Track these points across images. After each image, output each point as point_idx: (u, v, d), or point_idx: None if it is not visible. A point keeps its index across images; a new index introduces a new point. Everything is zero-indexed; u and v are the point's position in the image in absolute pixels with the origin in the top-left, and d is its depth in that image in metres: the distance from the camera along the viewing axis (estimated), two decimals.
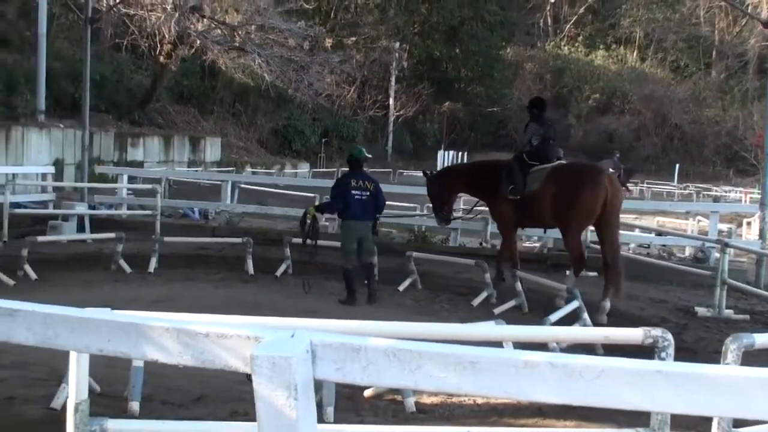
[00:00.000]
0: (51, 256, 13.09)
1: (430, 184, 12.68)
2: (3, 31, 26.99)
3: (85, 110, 16.78)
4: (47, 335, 2.48)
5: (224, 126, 38.55)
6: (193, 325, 2.26)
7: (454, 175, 12.86)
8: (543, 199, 11.04)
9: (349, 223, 10.79)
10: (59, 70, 26.66)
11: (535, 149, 11.60)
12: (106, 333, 2.39)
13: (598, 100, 61.40)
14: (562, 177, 11.03)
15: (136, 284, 11.36)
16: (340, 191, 10.82)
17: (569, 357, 2.03)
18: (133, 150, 27.62)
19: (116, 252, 12.41)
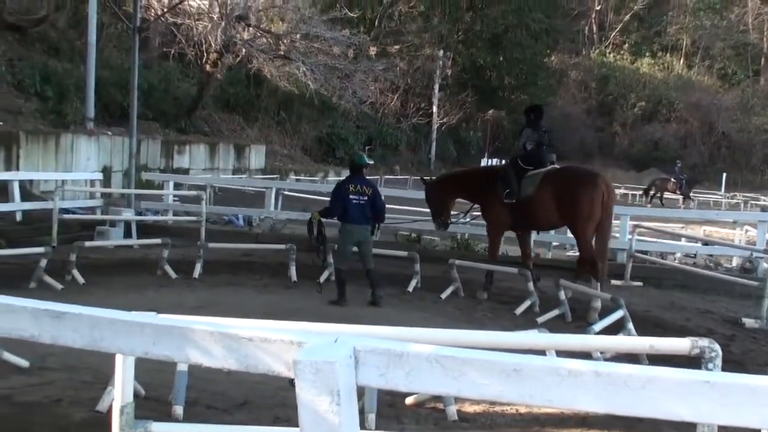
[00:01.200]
0: (98, 261, 13.29)
1: (429, 191, 12.96)
2: (54, 40, 27.52)
3: (132, 118, 17.00)
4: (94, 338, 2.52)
5: (269, 134, 38.83)
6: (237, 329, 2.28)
7: (452, 182, 13.07)
8: (540, 203, 11.30)
9: (347, 226, 10.96)
10: (108, 78, 27.11)
11: (530, 154, 11.82)
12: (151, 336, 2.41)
13: (644, 108, 60.73)
14: (559, 181, 11.29)
15: (181, 289, 11.47)
16: (339, 196, 11.01)
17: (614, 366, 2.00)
18: (179, 157, 27.94)
19: (162, 257, 12.55)
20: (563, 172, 11.65)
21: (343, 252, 11.03)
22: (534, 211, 11.44)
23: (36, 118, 22.26)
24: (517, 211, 11.64)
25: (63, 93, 24.31)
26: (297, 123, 41.15)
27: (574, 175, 11.54)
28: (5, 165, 18.83)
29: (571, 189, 11.07)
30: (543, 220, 11.60)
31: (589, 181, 11.10)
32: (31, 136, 20.06)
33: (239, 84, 37.02)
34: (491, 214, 12.18)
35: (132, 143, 17.24)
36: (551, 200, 11.22)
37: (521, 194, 11.53)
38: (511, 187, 11.62)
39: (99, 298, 9.96)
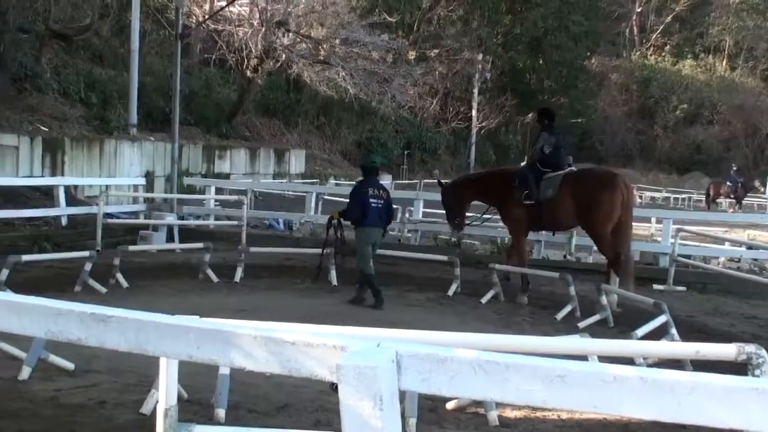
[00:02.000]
0: (141, 265, 13.46)
1: (445, 194, 13.19)
2: (98, 48, 27.95)
3: (175, 124, 17.21)
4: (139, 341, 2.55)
5: (308, 138, 39.01)
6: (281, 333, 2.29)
7: (468, 184, 13.28)
8: (561, 204, 11.63)
9: (366, 229, 11.12)
10: (150, 84, 27.47)
11: (547, 157, 12.08)
12: (195, 340, 2.44)
13: (686, 110, 59.94)
14: (578, 182, 11.66)
15: (223, 293, 11.57)
16: (359, 199, 11.14)
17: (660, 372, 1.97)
18: (220, 162, 28.19)
19: (204, 261, 12.67)
20: (583, 174, 12.10)
21: (365, 254, 11.16)
22: (553, 212, 11.74)
23: (81, 124, 22.60)
24: (535, 212, 11.92)
25: (107, 99, 24.67)
26: (336, 127, 41.28)
27: (593, 177, 12.00)
28: (51, 170, 19.16)
29: (591, 190, 11.43)
30: (561, 220, 11.96)
31: (608, 181, 11.50)
32: (75, 142, 20.39)
33: (279, 89, 37.24)
34: (510, 216, 12.43)
35: (174, 148, 17.44)
36: (571, 201, 11.55)
37: (540, 196, 11.82)
38: (530, 189, 11.90)
39: (142, 301, 10.07)
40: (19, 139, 18.51)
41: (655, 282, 13.64)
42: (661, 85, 60.87)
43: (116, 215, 17.32)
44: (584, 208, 11.45)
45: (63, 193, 16.33)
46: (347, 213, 11.44)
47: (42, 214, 15.98)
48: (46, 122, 21.11)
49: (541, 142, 12.32)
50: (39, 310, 2.62)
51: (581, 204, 11.47)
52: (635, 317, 10.18)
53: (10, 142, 18.17)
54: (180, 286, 11.89)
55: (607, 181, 11.59)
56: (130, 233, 16.00)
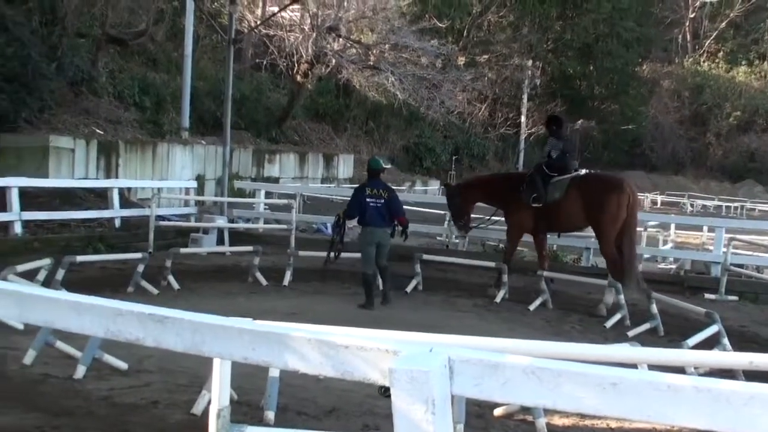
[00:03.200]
0: (192, 267, 13.64)
1: (451, 196, 13.53)
2: (153, 52, 28.38)
3: (226, 128, 17.39)
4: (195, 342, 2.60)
5: (357, 143, 39.14)
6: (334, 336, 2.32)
7: (474, 187, 13.62)
8: (568, 205, 12.07)
9: (366, 229, 11.28)
10: (202, 89, 27.81)
11: (555, 162, 12.57)
12: (250, 342, 2.48)
13: (739, 117, 58.86)
14: (586, 185, 12.13)
15: (272, 296, 11.67)
16: (356, 200, 11.32)
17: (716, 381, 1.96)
18: (270, 166, 28.41)
19: (253, 265, 12.79)
20: (590, 178, 12.88)
21: (367, 255, 11.26)
22: (560, 213, 12.20)
23: (134, 127, 22.97)
24: (542, 214, 12.37)
25: (160, 103, 25.01)
26: (385, 133, 41.36)
27: (601, 180, 12.67)
28: (105, 172, 19.50)
29: (598, 192, 11.90)
30: (568, 222, 12.37)
31: (615, 185, 12.02)
32: (129, 145, 20.72)
33: (329, 94, 37.44)
34: (514, 218, 12.82)
35: (225, 152, 17.61)
36: (579, 203, 11.99)
37: (548, 198, 12.26)
38: (538, 191, 12.33)
39: (192, 303, 10.21)
40: (75, 142, 18.86)
41: (706, 291, 13.43)
42: (714, 92, 59.86)
43: (168, 218, 17.56)
44: (592, 209, 11.88)
45: (117, 195, 16.60)
46: (347, 213, 11.67)
47: (96, 215, 16.24)
48: (101, 125, 21.50)
49: (549, 147, 12.84)
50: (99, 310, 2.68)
51: (589, 205, 11.90)
52: (686, 327, 10.04)
53: (66, 145, 18.53)
54: (229, 288, 12.02)
55: (614, 184, 12.09)
56: (181, 236, 16.22)
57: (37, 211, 15.00)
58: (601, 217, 11.80)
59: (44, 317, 2.88)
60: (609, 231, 11.80)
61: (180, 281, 11.82)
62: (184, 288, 11.65)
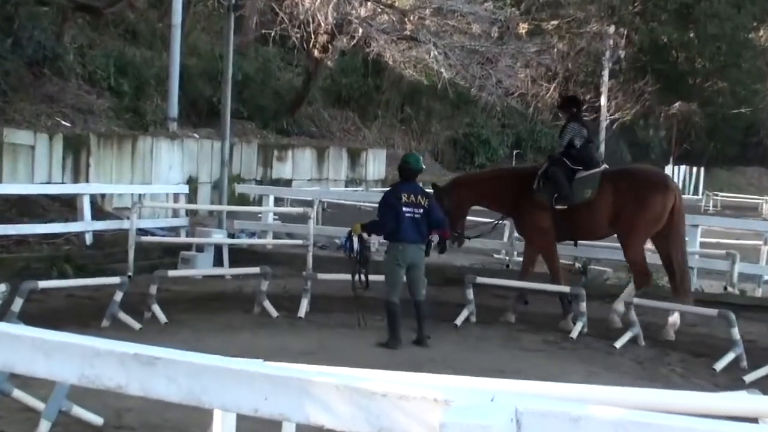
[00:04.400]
0: (183, 294, 13.74)
1: (439, 197, 13.13)
2: (132, 22, 28.55)
3: (225, 117, 17.46)
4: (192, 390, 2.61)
5: (390, 135, 39.17)
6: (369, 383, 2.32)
7: (470, 186, 13.88)
8: (600, 207, 12.47)
9: (399, 246, 11.06)
10: (195, 68, 28.02)
11: (579, 152, 12.95)
12: (262, 389, 2.49)
13: None
14: (625, 182, 12.55)
15: (284, 331, 11.70)
16: (390, 208, 11.07)
17: None
18: (280, 165, 28.53)
19: (260, 291, 12.82)
20: (628, 173, 13.25)
21: (395, 279, 11.15)
22: (588, 218, 12.55)
23: (109, 117, 23.15)
24: (563, 218, 12.69)
25: (141, 87, 25.21)
26: (426, 121, 41.37)
27: (643, 175, 12.94)
28: (73, 175, 19.69)
29: (639, 189, 12.31)
30: (598, 226, 12.75)
31: (661, 180, 12.60)
32: (103, 140, 20.93)
33: (354, 73, 37.51)
34: (532, 224, 13.00)
35: (224, 148, 17.69)
36: (612, 205, 12.40)
37: (576, 198, 12.60)
38: (563, 190, 12.63)
39: (184, 340, 10.27)
40: (35, 137, 19.07)
41: None
42: None
43: (152, 232, 17.69)
44: (628, 208, 12.26)
45: (88, 203, 16.75)
46: (374, 226, 11.50)
47: (62, 229, 16.41)
48: (68, 115, 21.69)
49: (570, 134, 13.13)
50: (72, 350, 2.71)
51: (626, 206, 12.27)
52: None
53: (24, 141, 18.74)
54: (230, 321, 12.07)
55: (659, 179, 12.67)
56: (169, 254, 16.33)
57: None
58: (640, 217, 12.20)
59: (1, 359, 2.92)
60: (643, 234, 12.37)
61: (168, 312, 11.88)
62: (174, 321, 11.72)
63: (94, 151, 20.44)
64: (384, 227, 11.31)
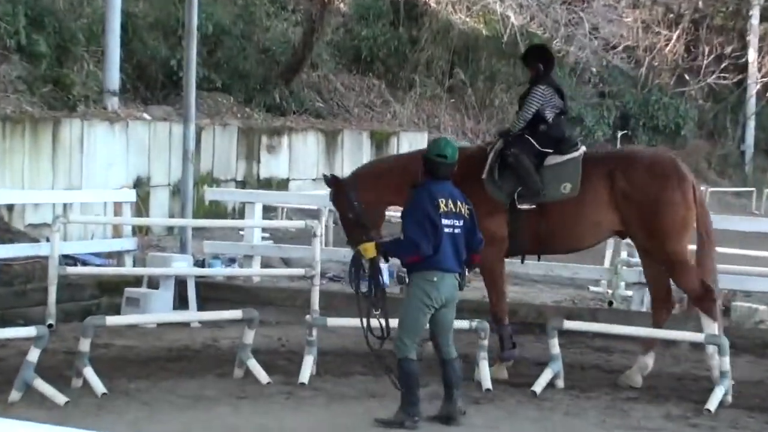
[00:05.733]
0: (129, 351, 13.81)
1: (339, 195, 13.55)
2: None
3: (188, 88, 17.50)
4: None
5: (433, 110, 39.09)
6: None
7: (384, 177, 13.76)
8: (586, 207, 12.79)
9: (433, 277, 10.80)
10: (143, 18, 28.08)
11: (551, 129, 13.33)
12: None
13: None
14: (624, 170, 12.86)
15: (278, 405, 11.66)
16: (427, 218, 10.79)
17: None
18: (271, 158, 28.53)
19: (243, 345, 12.82)
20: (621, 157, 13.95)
21: (417, 324, 10.95)
22: (567, 221, 12.84)
23: (19, 92, 23.20)
24: (526, 222, 12.98)
25: (65, 46, 25.26)
26: (486, 89, 41.29)
27: (648, 161, 13.30)
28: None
29: (652, 183, 12.73)
30: (581, 235, 13.12)
31: (672, 168, 13.02)
32: (10, 126, 21.00)
33: (379, 21, 37.56)
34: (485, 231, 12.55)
35: (188, 134, 17.73)
36: (610, 202, 12.77)
37: (549, 194, 12.88)
38: (531, 183, 12.88)
39: (132, 421, 10.30)
40: None
41: None
42: None
43: (84, 259, 17.74)
44: (644, 213, 12.63)
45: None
46: (399, 246, 11.24)
47: None
48: None
49: (537, 102, 13.36)
50: None
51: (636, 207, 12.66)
52: None
53: None
54: (200, 390, 12.08)
55: (668, 169, 13.00)
56: (109, 292, 16.41)
57: None
58: (666, 227, 12.63)
59: None
60: (683, 248, 12.88)
61: (107, 379, 11.89)
62: (116, 391, 11.70)
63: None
64: (415, 248, 10.89)
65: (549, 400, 12.20)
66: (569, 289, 18.36)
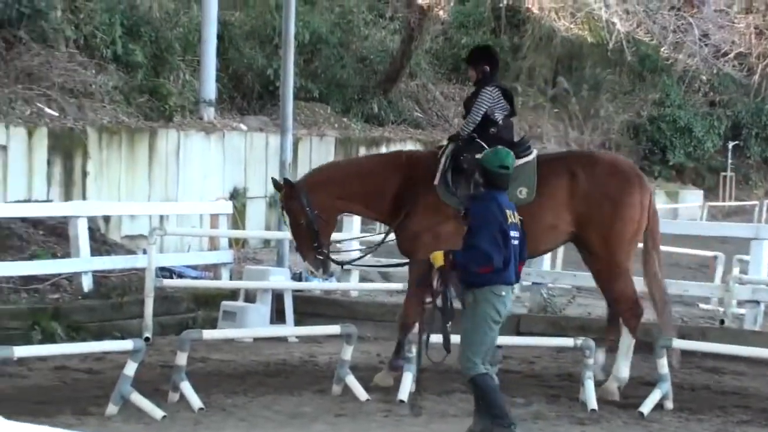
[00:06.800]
0: (226, 365, 13.95)
1: (291, 201, 13.39)
2: None
3: (286, 98, 17.57)
4: None
5: (536, 120, 39.03)
6: None
7: (334, 183, 13.79)
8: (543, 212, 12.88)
9: (501, 291, 10.78)
10: (239, 26, 28.23)
11: (501, 131, 13.44)
12: None
13: None
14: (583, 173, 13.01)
15: (377, 423, 11.72)
16: (498, 229, 10.73)
17: None
18: None
19: (341, 361, 12.86)
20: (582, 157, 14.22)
21: (485, 340, 10.85)
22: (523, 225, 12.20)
23: (115, 102, 23.35)
24: None
25: (161, 56, 25.44)
26: (590, 98, 41.13)
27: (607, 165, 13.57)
28: (63, 188, 20.00)
29: (608, 187, 12.98)
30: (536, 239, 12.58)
31: (632, 174, 13.45)
32: (107, 137, 21.21)
33: (480, 28, 37.51)
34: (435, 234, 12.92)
35: (284, 145, 17.82)
36: (566, 204, 12.98)
37: None
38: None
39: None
40: (7, 133, 19.35)
41: None
42: None
43: (180, 272, 17.86)
44: (594, 215, 12.84)
45: (85, 231, 16.88)
46: (471, 257, 11.15)
47: (49, 269, 16.61)
48: (55, 100, 21.95)
49: (486, 105, 13.45)
50: None
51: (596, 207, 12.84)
52: None
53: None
54: (298, 406, 12.13)
55: (630, 173, 13.46)
56: (205, 304, 16.60)
57: None
58: (615, 228, 12.90)
59: None
60: (627, 255, 13.14)
61: (204, 393, 11.98)
62: (213, 406, 11.80)
63: (93, 152, 20.70)
64: (488, 261, 10.89)
65: (657, 422, 12.12)
66: (678, 307, 18.14)
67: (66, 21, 23.97)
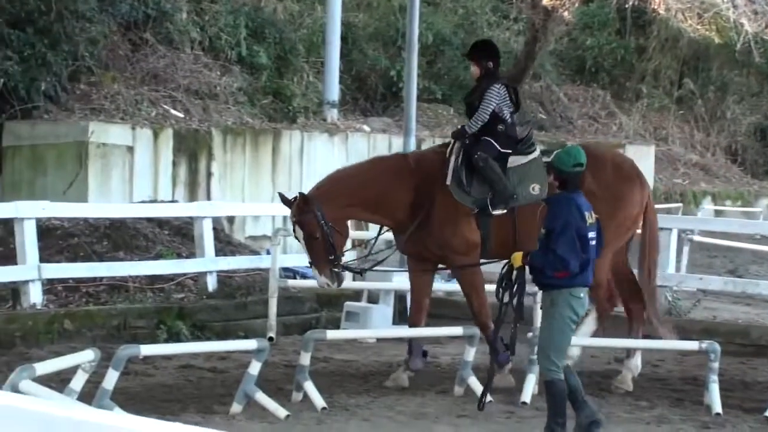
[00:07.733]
0: (349, 366, 14.05)
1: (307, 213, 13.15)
2: None
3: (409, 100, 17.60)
4: None
5: (661, 122, 38.64)
6: None
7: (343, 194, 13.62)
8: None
9: (580, 293, 10.83)
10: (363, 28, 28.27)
11: (509, 129, 13.58)
12: None
13: None
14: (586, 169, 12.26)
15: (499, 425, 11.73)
16: (578, 231, 10.69)
17: None
18: None
19: (464, 362, 12.86)
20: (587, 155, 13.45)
21: (564, 343, 10.93)
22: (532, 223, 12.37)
23: (240, 103, 23.52)
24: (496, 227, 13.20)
25: (285, 58, 25.57)
26: (717, 100, 40.64)
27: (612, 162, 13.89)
28: (188, 189, 20.25)
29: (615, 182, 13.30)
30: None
31: (634, 171, 13.89)
32: (231, 138, 21.42)
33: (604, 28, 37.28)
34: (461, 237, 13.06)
35: (408, 146, 17.83)
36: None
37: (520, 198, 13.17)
38: (503, 187, 13.05)
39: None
40: (133, 133, 19.61)
41: None
42: None
43: (303, 272, 17.90)
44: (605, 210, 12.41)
45: (210, 231, 17.11)
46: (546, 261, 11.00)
47: (174, 269, 16.88)
48: (181, 101, 22.16)
49: (494, 101, 13.37)
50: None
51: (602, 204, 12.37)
52: None
53: (118, 139, 19.29)
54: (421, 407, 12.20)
55: (631, 172, 13.85)
56: (328, 305, 16.71)
57: (68, 262, 15.77)
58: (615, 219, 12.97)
59: None
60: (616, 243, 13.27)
61: (328, 393, 12.05)
62: (336, 406, 11.87)
63: (217, 153, 20.89)
64: (564, 266, 10.82)
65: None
66: None
67: (191, 23, 24.22)
